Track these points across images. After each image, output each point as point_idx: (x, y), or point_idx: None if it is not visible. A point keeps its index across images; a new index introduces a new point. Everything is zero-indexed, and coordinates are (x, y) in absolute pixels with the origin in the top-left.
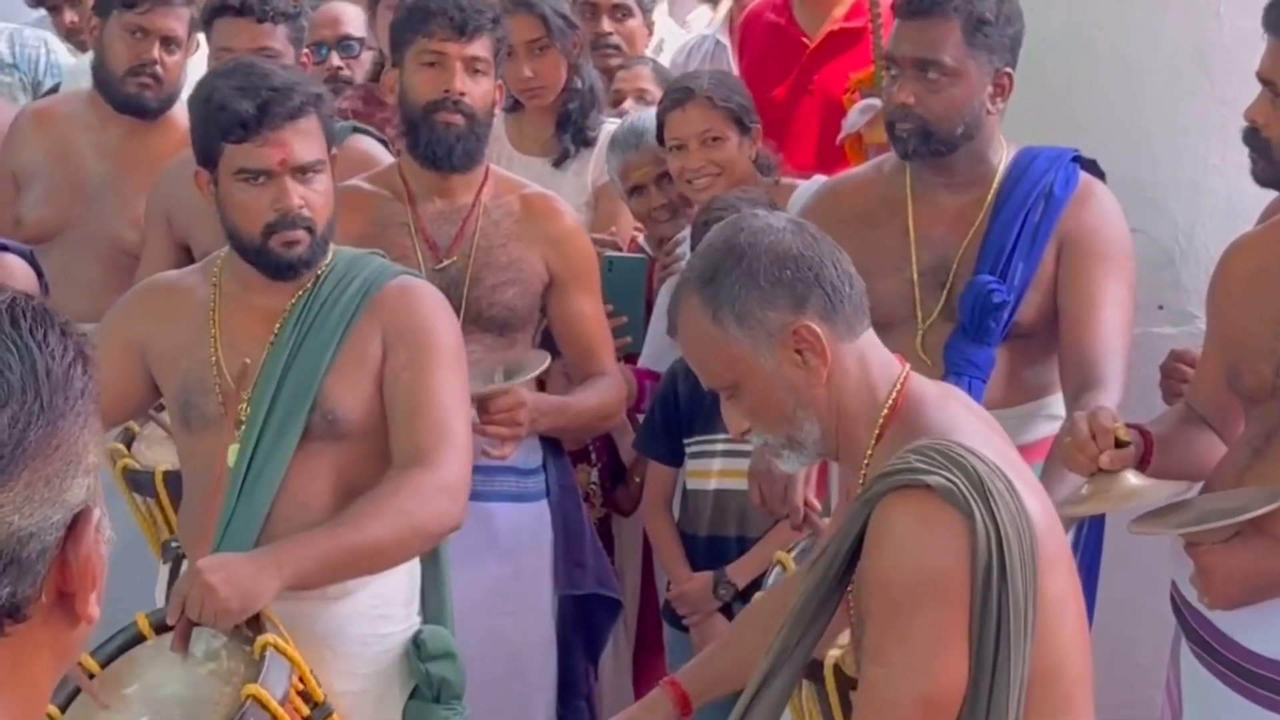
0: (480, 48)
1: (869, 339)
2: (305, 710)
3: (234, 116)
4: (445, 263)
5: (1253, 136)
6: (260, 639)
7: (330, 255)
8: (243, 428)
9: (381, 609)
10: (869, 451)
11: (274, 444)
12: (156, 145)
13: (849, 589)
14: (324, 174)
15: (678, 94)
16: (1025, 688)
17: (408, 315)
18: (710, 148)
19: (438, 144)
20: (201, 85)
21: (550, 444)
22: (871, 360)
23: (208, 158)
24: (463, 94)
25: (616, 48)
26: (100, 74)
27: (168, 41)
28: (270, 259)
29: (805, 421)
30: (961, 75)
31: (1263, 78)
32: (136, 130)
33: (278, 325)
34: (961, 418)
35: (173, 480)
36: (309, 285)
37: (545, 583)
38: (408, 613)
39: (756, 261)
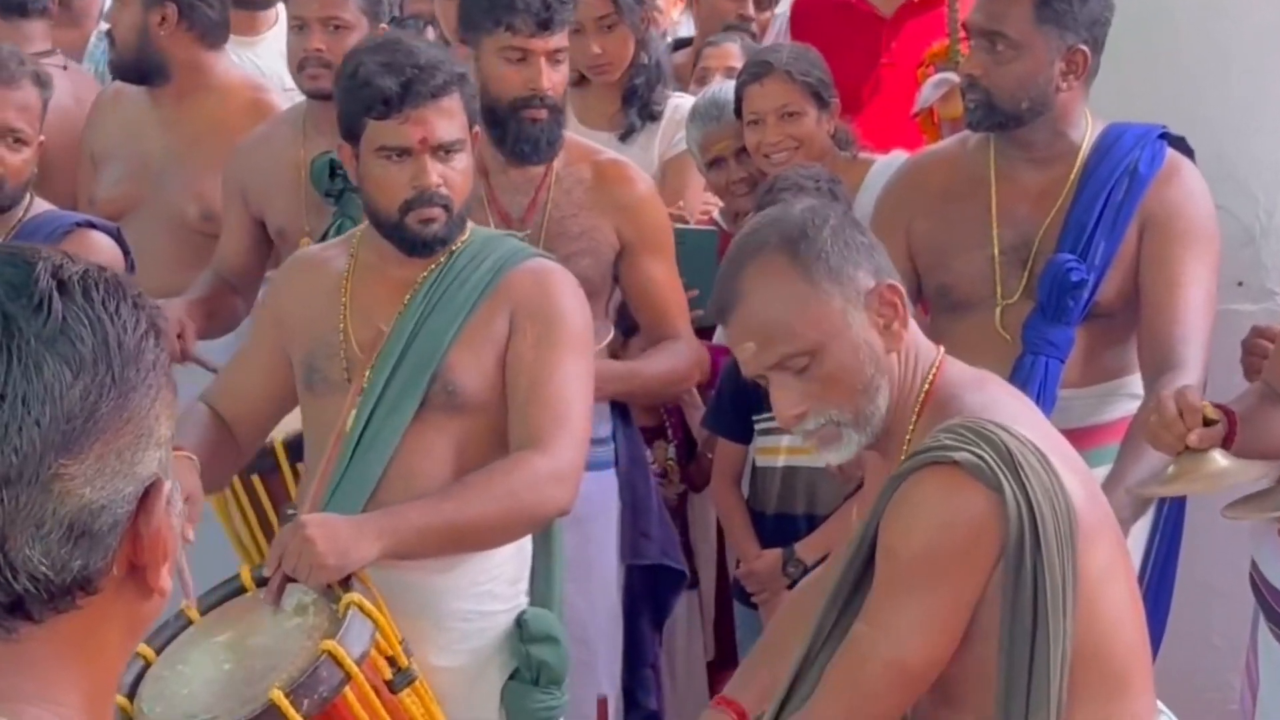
0: (561, 39)
1: (915, 326)
2: (388, 673)
3: (377, 93)
4: (518, 234)
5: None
6: (346, 597)
7: (468, 232)
8: (362, 394)
9: (486, 586)
10: (909, 432)
11: (391, 411)
12: (216, 118)
13: None
14: (464, 153)
15: (756, 68)
16: (1069, 664)
17: (540, 297)
18: (788, 122)
19: (526, 141)
20: (348, 59)
21: (620, 414)
22: (919, 344)
23: (351, 132)
24: (549, 90)
25: (753, 35)
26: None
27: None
28: (407, 235)
29: (880, 392)
30: (1027, 49)
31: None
32: (193, 104)
33: (408, 296)
34: (999, 398)
35: (293, 446)
36: (443, 260)
37: (612, 552)
38: (514, 592)
39: (840, 224)
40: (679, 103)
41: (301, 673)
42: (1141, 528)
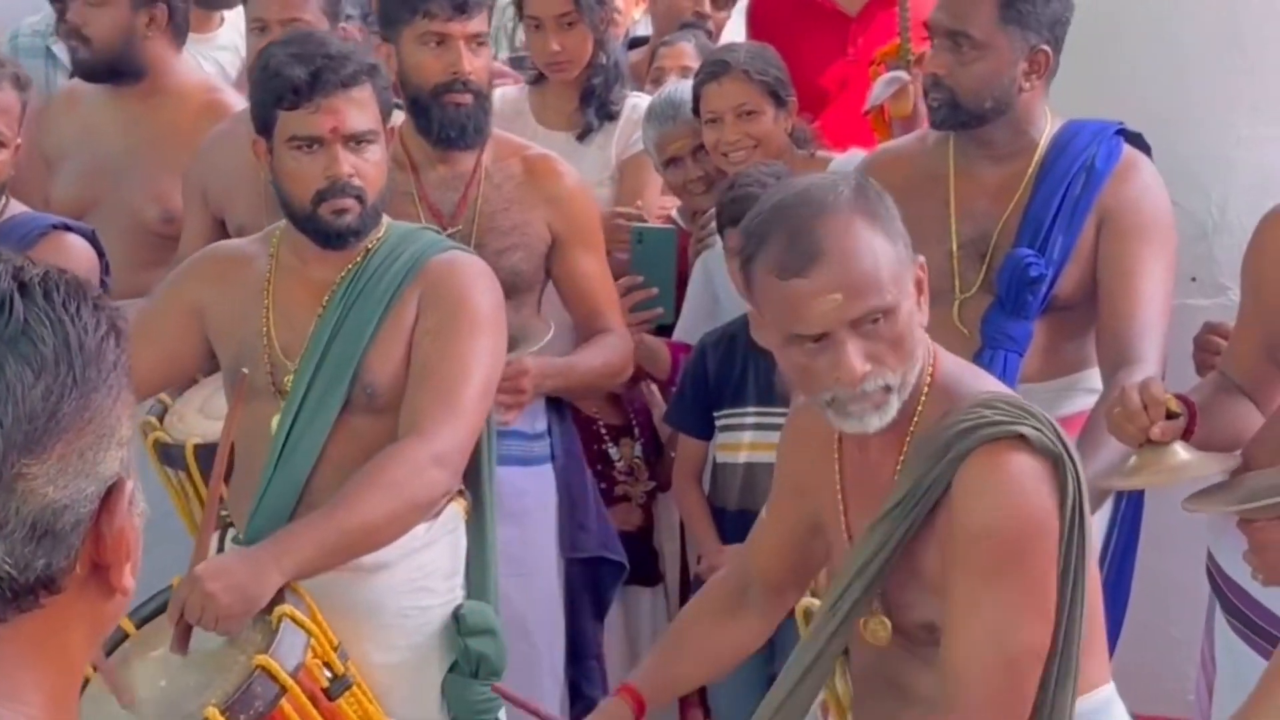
0: (480, 22)
1: None
2: (324, 681)
3: (287, 82)
4: (450, 231)
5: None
6: (278, 610)
7: (384, 229)
8: (286, 398)
9: (421, 582)
10: (916, 414)
11: (314, 414)
12: (173, 118)
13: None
14: (377, 144)
15: (714, 67)
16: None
17: (445, 284)
18: (745, 121)
19: (450, 126)
20: (261, 53)
21: (555, 409)
22: None
23: (264, 125)
24: (470, 73)
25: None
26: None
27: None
28: (320, 227)
29: (917, 364)
30: (991, 49)
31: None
32: (150, 105)
33: (327, 297)
34: (992, 380)
35: (203, 454)
36: (359, 259)
37: (551, 546)
38: (449, 586)
39: (889, 198)
40: (636, 102)
41: (236, 689)
42: (1100, 520)
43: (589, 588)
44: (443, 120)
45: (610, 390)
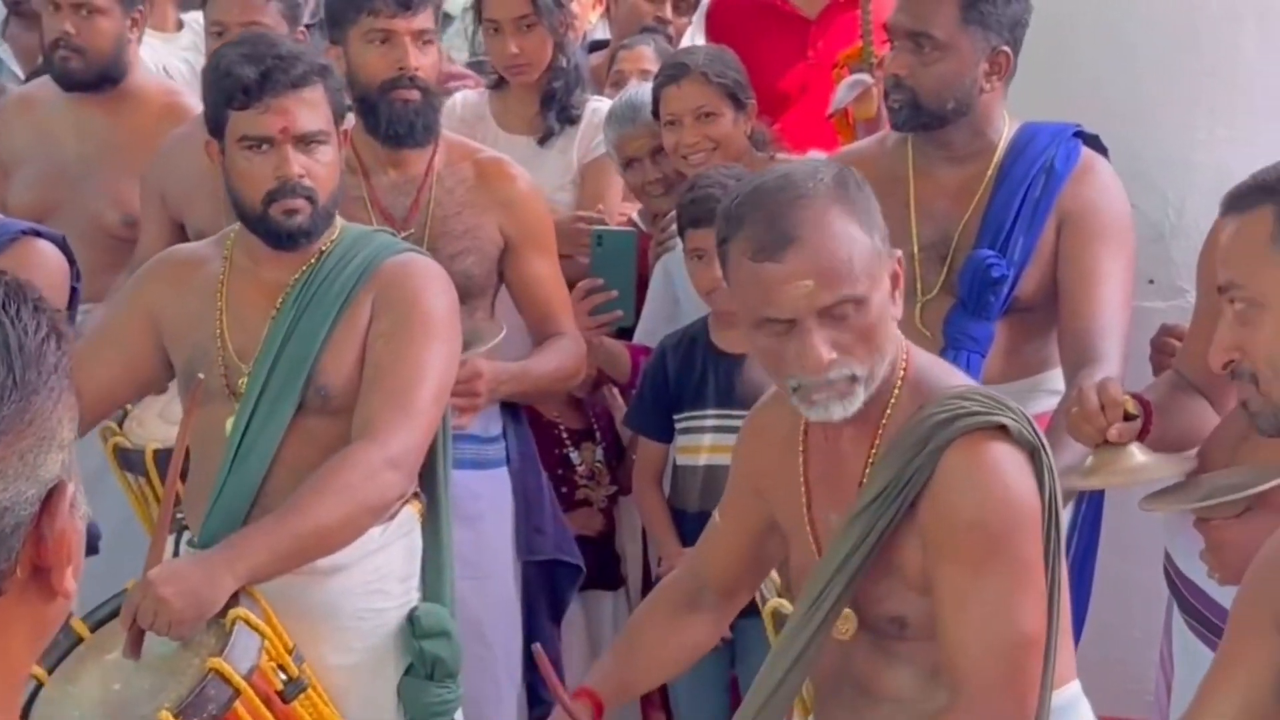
0: (425, 19)
1: None
2: (278, 684)
3: (237, 82)
4: (401, 235)
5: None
6: (232, 612)
7: (338, 230)
8: (240, 401)
9: (377, 584)
10: (889, 407)
11: (268, 416)
12: (132, 123)
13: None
14: (328, 145)
15: (673, 70)
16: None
17: (398, 287)
18: (705, 123)
19: (398, 123)
20: (212, 54)
21: (510, 411)
22: None
23: (216, 126)
24: (417, 69)
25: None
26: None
27: (79, 8)
28: (270, 227)
29: (886, 358)
30: (953, 50)
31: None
32: (109, 109)
33: (281, 299)
34: (962, 375)
35: (163, 458)
36: (313, 260)
37: (506, 549)
38: (405, 588)
39: (869, 189)
40: (597, 106)
41: (190, 692)
42: (1062, 521)
43: (545, 591)
44: (390, 117)
45: (566, 393)
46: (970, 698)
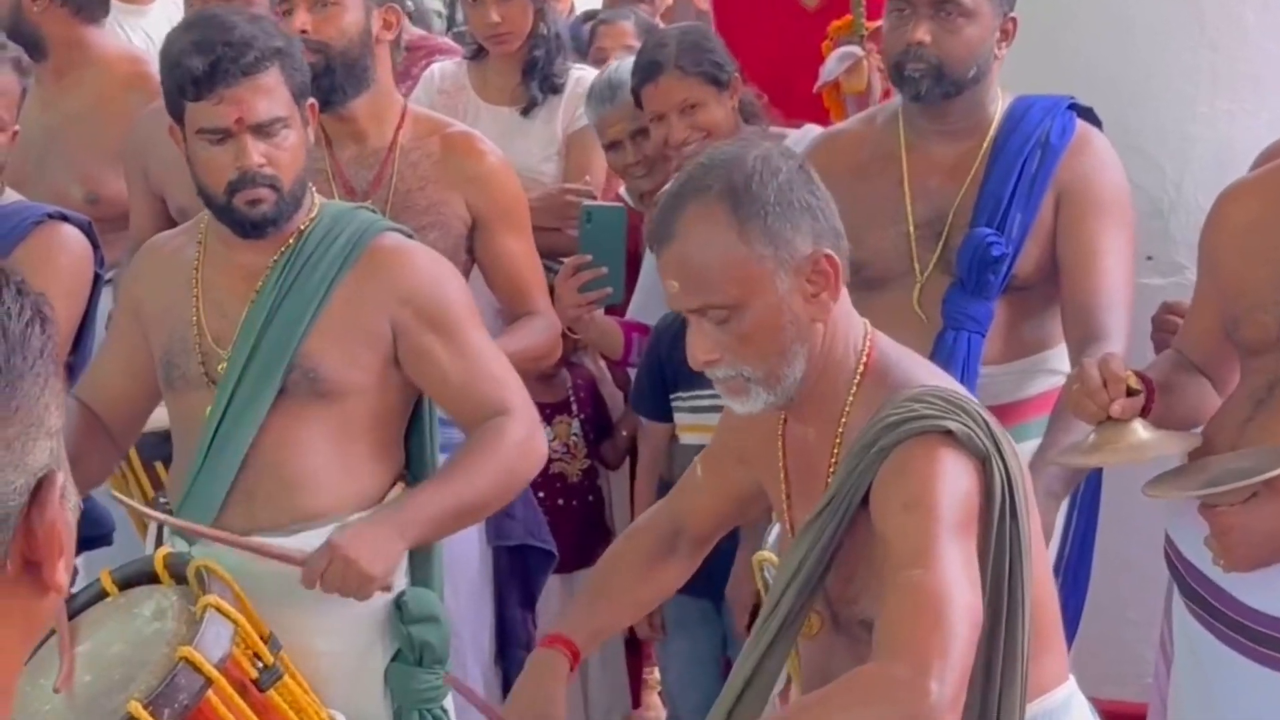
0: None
1: (848, 299)
2: (253, 672)
3: (187, 74)
4: (369, 206)
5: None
6: (203, 600)
7: (315, 209)
8: (218, 387)
9: None
10: (848, 403)
11: (247, 402)
12: (96, 93)
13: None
14: (290, 129)
15: (647, 69)
16: (1030, 625)
17: (414, 285)
18: (690, 115)
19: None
20: (166, 39)
21: None
22: (851, 318)
23: (175, 114)
24: (304, 31)
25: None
26: None
27: None
28: (236, 217)
29: (797, 359)
30: (977, 15)
31: None
32: (66, 83)
33: (260, 283)
34: (933, 369)
35: (144, 442)
36: (292, 241)
37: (472, 534)
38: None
39: (787, 180)
40: (581, 74)
41: (160, 682)
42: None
43: (516, 577)
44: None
45: (538, 373)
46: (890, 653)
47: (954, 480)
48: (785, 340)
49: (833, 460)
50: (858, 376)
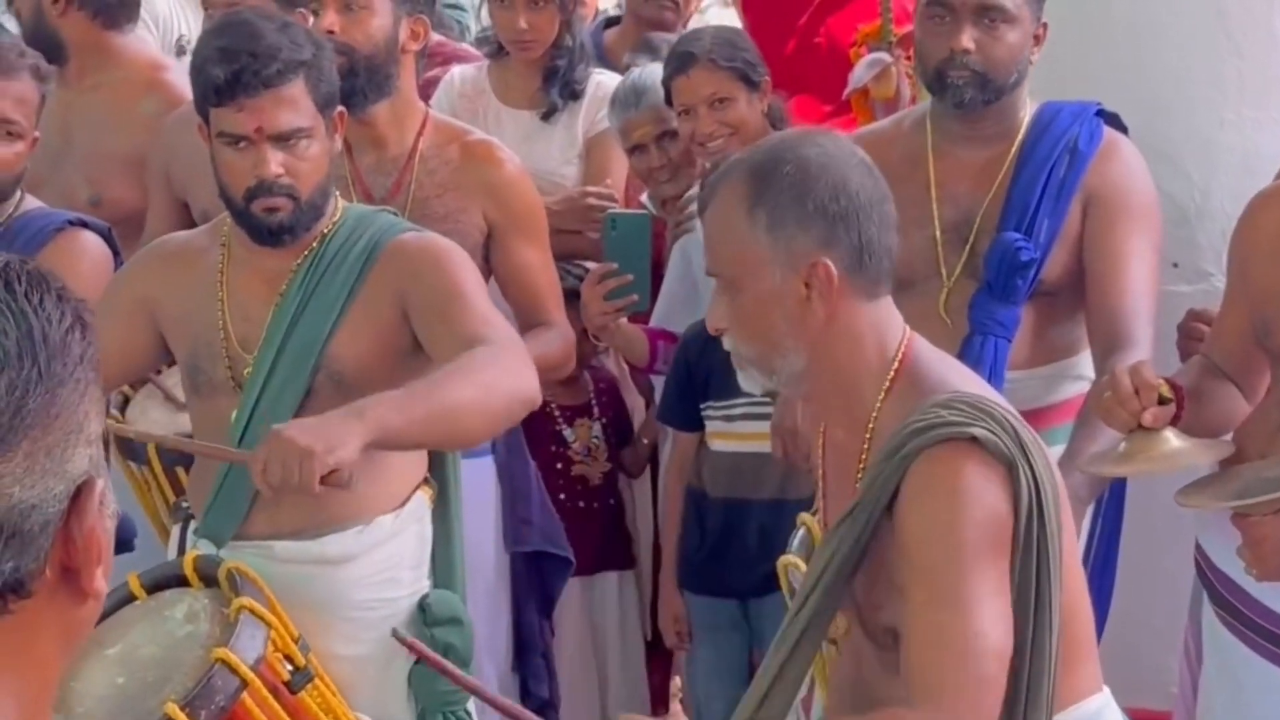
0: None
1: (887, 304)
2: (285, 674)
3: (211, 80)
4: (391, 210)
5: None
6: (236, 601)
7: (339, 212)
8: (243, 390)
9: (388, 573)
10: (877, 407)
11: (273, 405)
12: (113, 99)
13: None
14: (311, 139)
15: (680, 60)
16: (1059, 632)
17: (420, 264)
18: (719, 109)
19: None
20: (198, 40)
21: None
22: (885, 323)
23: (202, 115)
24: (330, 31)
25: (675, 4)
26: None
27: None
28: (253, 223)
29: (791, 353)
30: (1019, 21)
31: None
32: (84, 87)
33: (284, 286)
34: (967, 374)
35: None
36: (315, 245)
37: (489, 539)
38: (415, 576)
39: (814, 181)
40: (601, 79)
41: (196, 683)
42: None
43: (534, 583)
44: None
45: (551, 381)
46: (923, 700)
47: (980, 497)
48: (775, 333)
49: (861, 463)
50: (888, 381)
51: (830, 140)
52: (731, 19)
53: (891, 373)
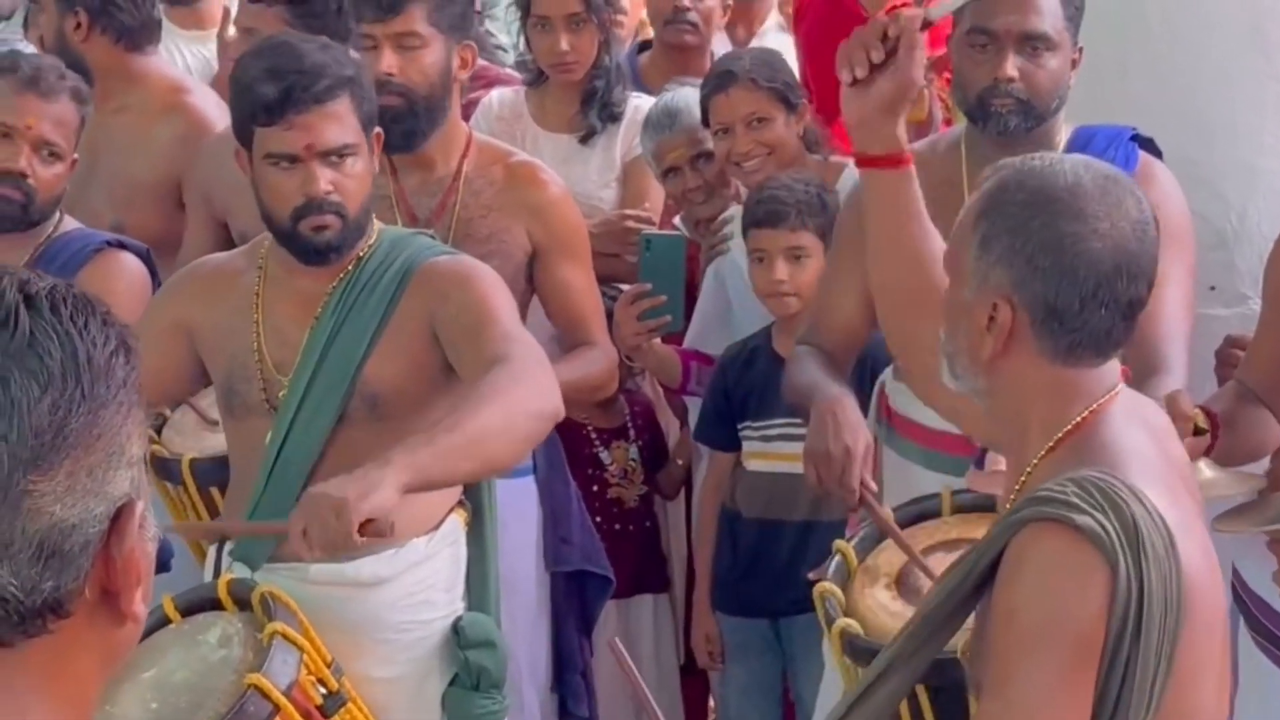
0: (407, 21)
1: (1085, 374)
2: (318, 699)
3: (259, 100)
4: (428, 232)
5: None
6: (269, 626)
7: (375, 235)
8: (277, 413)
9: (422, 595)
10: (1038, 458)
11: (307, 428)
12: (131, 124)
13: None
14: (357, 157)
15: (720, 78)
16: None
17: (450, 284)
18: (757, 129)
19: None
20: (237, 64)
21: None
22: (1071, 388)
23: (243, 138)
24: (390, 74)
25: (694, 25)
26: None
27: None
28: (300, 243)
29: (968, 369)
30: (1059, 47)
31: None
32: (106, 109)
33: (319, 309)
34: (1141, 446)
35: (200, 467)
36: (350, 268)
37: (530, 559)
38: (450, 598)
39: (1034, 223)
40: (639, 103)
41: (229, 709)
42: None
43: (574, 602)
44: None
45: (594, 402)
46: None
47: (1063, 591)
48: (960, 338)
49: (1008, 506)
50: (1052, 441)
51: (1101, 198)
52: (788, 44)
53: (1061, 433)
